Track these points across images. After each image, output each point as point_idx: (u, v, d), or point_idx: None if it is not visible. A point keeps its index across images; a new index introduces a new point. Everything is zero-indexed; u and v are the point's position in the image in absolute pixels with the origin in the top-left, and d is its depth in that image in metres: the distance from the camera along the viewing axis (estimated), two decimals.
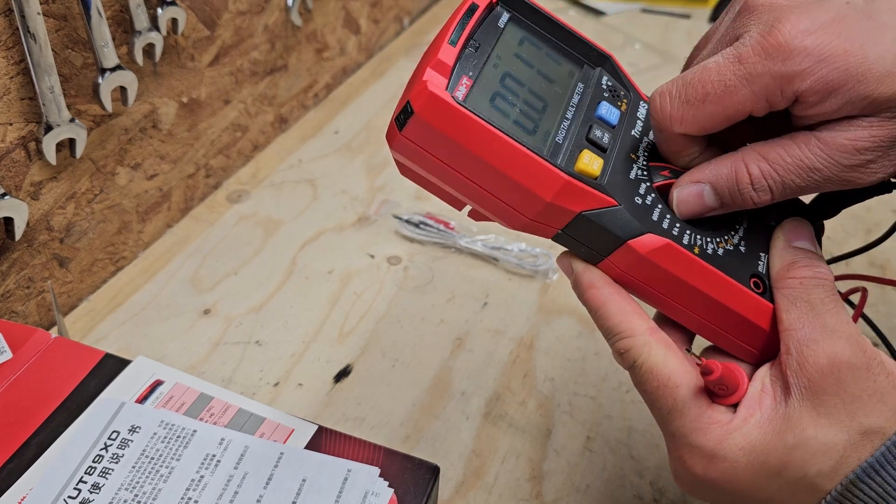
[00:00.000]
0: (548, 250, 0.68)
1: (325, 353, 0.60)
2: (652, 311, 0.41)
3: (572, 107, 0.39)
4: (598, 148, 0.38)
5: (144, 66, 0.61)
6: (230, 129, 0.75)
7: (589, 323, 0.64)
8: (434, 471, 0.45)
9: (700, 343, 0.41)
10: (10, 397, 0.46)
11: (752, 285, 0.38)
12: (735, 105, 0.35)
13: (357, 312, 0.64)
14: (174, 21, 0.62)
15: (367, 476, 0.44)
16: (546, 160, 0.35)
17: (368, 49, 0.93)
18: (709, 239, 0.38)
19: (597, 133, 0.38)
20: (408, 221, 0.70)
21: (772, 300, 0.38)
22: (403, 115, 0.35)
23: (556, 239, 0.38)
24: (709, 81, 0.35)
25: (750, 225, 0.40)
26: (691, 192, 0.38)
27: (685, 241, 0.38)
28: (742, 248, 0.39)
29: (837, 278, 0.39)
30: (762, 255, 0.40)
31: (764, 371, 0.38)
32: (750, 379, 0.38)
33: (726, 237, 0.39)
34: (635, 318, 0.38)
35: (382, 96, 0.89)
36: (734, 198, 0.37)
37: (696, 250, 0.38)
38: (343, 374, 0.59)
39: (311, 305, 0.64)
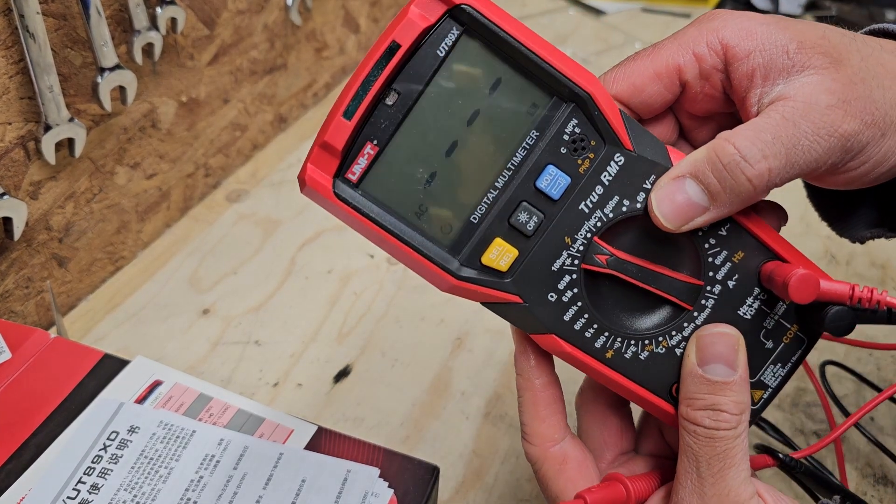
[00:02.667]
0: None
1: (325, 353, 0.60)
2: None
3: (509, 170, 0.33)
4: (521, 234, 0.33)
5: (143, 65, 0.61)
6: (229, 129, 0.74)
7: None
8: (434, 471, 0.45)
9: None
10: (9, 397, 0.46)
11: (671, 392, 0.35)
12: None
13: (356, 312, 0.64)
14: (173, 20, 0.62)
15: (367, 477, 0.44)
16: (435, 263, 0.33)
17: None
18: (633, 342, 0.35)
19: (521, 218, 0.33)
20: None
21: None
22: (300, 178, 0.33)
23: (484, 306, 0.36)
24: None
25: (706, 321, 0.35)
26: (670, 189, 0.33)
27: (597, 344, 0.35)
28: (678, 350, 0.35)
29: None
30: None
31: (661, 496, 0.36)
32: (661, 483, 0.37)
33: (661, 338, 0.35)
34: (541, 425, 0.37)
35: None
36: (724, 181, 0.32)
37: (609, 354, 0.35)
38: (343, 374, 0.59)
39: (310, 305, 0.64)
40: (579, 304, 0.34)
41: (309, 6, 0.79)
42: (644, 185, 0.34)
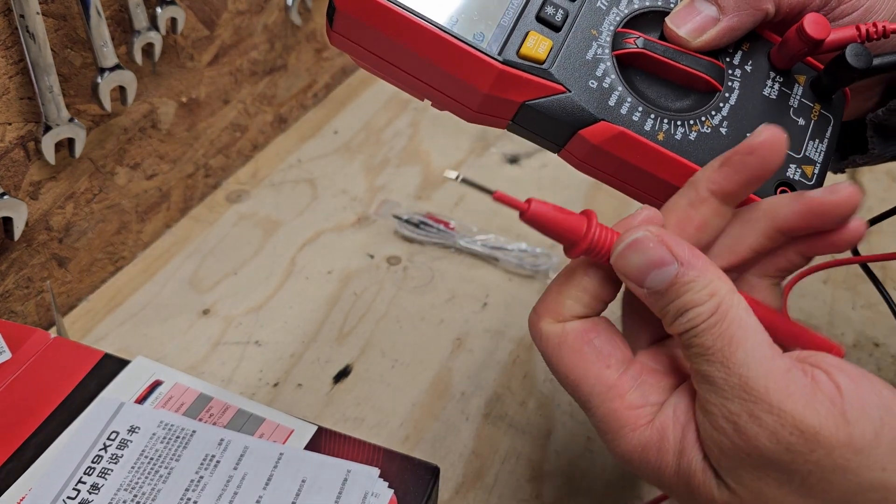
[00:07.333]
0: (548, 250, 0.68)
1: (325, 354, 0.60)
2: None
3: None
4: (550, 27, 0.35)
5: (143, 65, 0.61)
6: (229, 129, 0.74)
7: None
8: (434, 471, 0.45)
9: None
10: (9, 397, 0.46)
11: None
12: None
13: (356, 312, 0.64)
14: (173, 20, 0.62)
15: (367, 477, 0.44)
16: (477, 49, 0.33)
17: None
18: (679, 122, 0.36)
19: (548, 10, 0.35)
20: (407, 221, 0.70)
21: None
22: (330, 10, 0.33)
23: (509, 129, 0.36)
24: None
25: (738, 101, 0.37)
26: (684, 12, 0.36)
27: (647, 127, 0.35)
28: (723, 129, 0.36)
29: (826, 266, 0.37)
30: (748, 135, 0.35)
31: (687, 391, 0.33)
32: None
33: (703, 118, 0.36)
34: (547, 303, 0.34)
35: (382, 96, 0.89)
36: None
37: (661, 136, 0.35)
38: (342, 374, 0.59)
39: (310, 306, 0.64)
40: (619, 89, 0.35)
41: (309, 6, 0.79)
42: None
